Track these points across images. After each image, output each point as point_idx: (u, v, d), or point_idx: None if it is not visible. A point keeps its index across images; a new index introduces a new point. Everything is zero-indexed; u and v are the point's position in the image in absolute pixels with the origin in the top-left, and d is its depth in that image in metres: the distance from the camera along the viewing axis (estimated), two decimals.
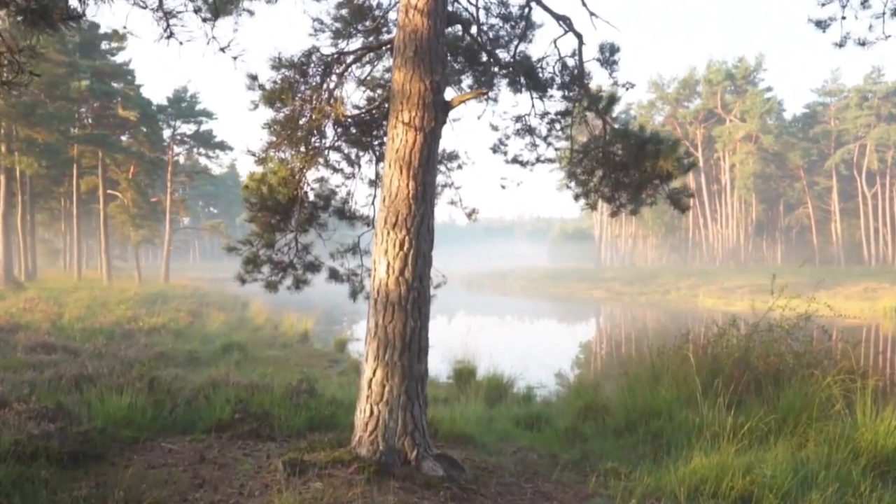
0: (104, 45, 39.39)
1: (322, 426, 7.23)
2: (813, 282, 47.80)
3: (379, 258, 5.37)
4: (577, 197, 8.37)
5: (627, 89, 7.31)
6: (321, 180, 7.28)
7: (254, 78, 6.22)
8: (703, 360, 9.31)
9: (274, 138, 6.44)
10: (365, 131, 7.32)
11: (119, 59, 40.60)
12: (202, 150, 48.01)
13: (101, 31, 37.10)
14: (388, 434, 5.26)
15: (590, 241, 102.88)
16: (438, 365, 14.66)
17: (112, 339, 14.57)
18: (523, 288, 70.60)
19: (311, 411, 7.45)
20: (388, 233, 5.35)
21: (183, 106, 44.38)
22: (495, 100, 8.65)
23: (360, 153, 7.47)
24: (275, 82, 6.28)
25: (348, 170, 7.51)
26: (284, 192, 6.17)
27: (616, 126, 7.25)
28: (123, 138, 41.67)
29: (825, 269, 59.09)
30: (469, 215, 7.94)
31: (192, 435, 6.62)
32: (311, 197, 7.27)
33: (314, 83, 6.29)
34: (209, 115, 45.71)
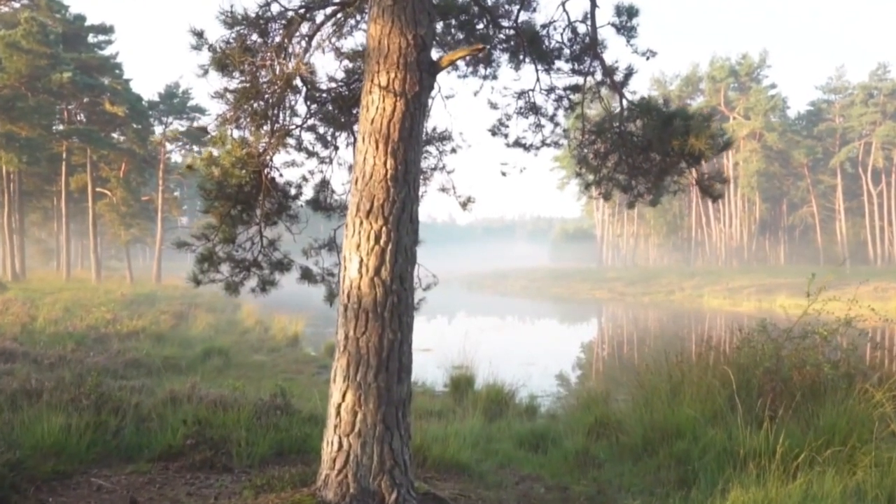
0: (91, 39, 38.31)
1: (292, 451, 6.22)
2: (819, 281, 46.74)
3: (350, 254, 4.34)
4: (587, 186, 7.35)
5: (648, 58, 6.28)
6: (292, 164, 6.23)
7: (199, 35, 5.18)
8: (729, 370, 8.30)
9: (228, 111, 5.41)
10: (342, 108, 6.28)
11: (107, 52, 39.55)
12: (194, 148, 46.87)
13: (88, 23, 36.03)
14: (361, 473, 4.23)
15: (591, 241, 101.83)
16: (434, 371, 13.65)
17: (82, 345, 13.53)
18: (524, 288, 69.62)
19: (282, 433, 6.42)
20: (361, 223, 4.31)
21: (175, 102, 43.23)
22: (495, 76, 7.61)
23: (337, 133, 6.44)
24: (227, 42, 5.25)
25: (324, 153, 6.47)
26: (240, 175, 5.15)
27: (635, 101, 6.20)
28: (114, 135, 40.54)
29: (830, 269, 57.85)
30: (464, 205, 6.91)
31: (136, 465, 5.59)
32: (282, 183, 6.23)
33: (275, 44, 5.26)
34: (203, 111, 44.59)
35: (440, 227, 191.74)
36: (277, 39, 5.22)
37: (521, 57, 6.96)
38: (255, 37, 5.28)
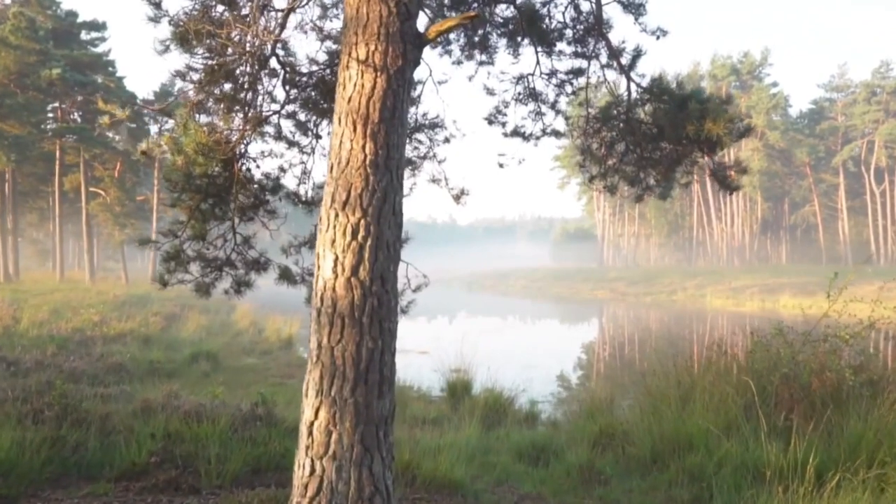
0: (84, 36, 37.69)
1: (270, 468, 5.68)
2: (823, 281, 46.23)
3: (324, 251, 3.81)
4: (591, 179, 6.80)
5: (658, 38, 5.74)
6: (270, 154, 5.70)
7: (157, 4, 4.62)
8: (743, 376, 7.78)
9: (192, 92, 4.87)
10: (325, 93, 5.75)
11: (100, 49, 38.92)
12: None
13: (81, 19, 35.41)
14: (336, 501, 3.69)
15: (592, 241, 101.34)
16: (430, 375, 13.15)
17: (64, 349, 12.99)
18: (525, 288, 69.16)
19: (259, 448, 5.89)
20: (337, 215, 3.78)
21: (171, 100, 42.49)
22: (491, 62, 7.08)
23: (319, 121, 5.91)
24: (189, 13, 4.70)
25: (304, 142, 5.94)
26: (205, 164, 4.61)
27: (644, 85, 5.67)
28: (109, 134, 39.94)
29: (833, 269, 57.35)
30: (457, 198, 6.35)
31: (94, 485, 5.06)
32: (258, 175, 5.70)
33: (242, 16, 4.71)
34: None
35: (441, 227, 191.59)
36: (246, 12, 4.70)
37: (520, 39, 6.43)
38: (220, 8, 4.75)
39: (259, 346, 18.28)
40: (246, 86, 5.06)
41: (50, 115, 38.94)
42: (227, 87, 4.96)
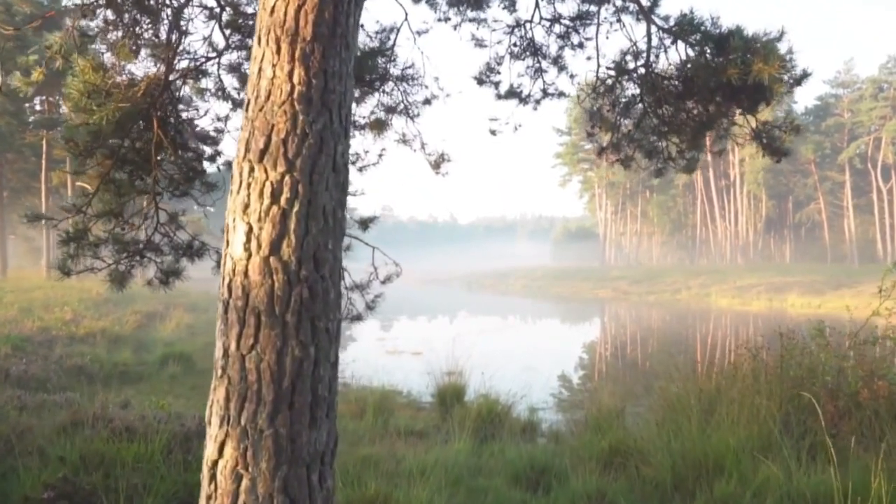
0: (68, 22, 36.60)
1: None
2: (831, 279, 45.18)
3: (233, 221, 2.72)
4: (602, 151, 5.70)
5: None
6: (207, 114, 4.62)
7: None
8: (776, 384, 6.71)
9: (83, 19, 3.78)
10: None
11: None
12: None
13: (64, 4, 34.36)
14: None
15: (594, 240, 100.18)
16: (422, 379, 12.08)
17: (20, 349, 11.91)
18: (525, 288, 68.12)
19: (194, 474, 4.78)
20: (252, 169, 2.69)
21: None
22: (483, 19, 5.98)
23: None
24: None
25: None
26: (99, 112, 3.52)
27: (668, 27, 4.56)
28: None
29: (839, 268, 56.48)
30: (436, 165, 5.24)
31: None
32: (192, 142, 4.61)
33: None
34: (189, 101, 42.69)
35: (441, 226, 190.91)
36: None
37: None
38: None
39: None
40: (166, 22, 3.98)
41: (38, 108, 37.85)
42: (134, 18, 3.89)
